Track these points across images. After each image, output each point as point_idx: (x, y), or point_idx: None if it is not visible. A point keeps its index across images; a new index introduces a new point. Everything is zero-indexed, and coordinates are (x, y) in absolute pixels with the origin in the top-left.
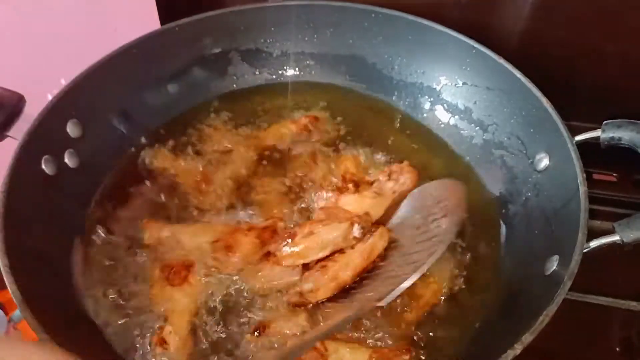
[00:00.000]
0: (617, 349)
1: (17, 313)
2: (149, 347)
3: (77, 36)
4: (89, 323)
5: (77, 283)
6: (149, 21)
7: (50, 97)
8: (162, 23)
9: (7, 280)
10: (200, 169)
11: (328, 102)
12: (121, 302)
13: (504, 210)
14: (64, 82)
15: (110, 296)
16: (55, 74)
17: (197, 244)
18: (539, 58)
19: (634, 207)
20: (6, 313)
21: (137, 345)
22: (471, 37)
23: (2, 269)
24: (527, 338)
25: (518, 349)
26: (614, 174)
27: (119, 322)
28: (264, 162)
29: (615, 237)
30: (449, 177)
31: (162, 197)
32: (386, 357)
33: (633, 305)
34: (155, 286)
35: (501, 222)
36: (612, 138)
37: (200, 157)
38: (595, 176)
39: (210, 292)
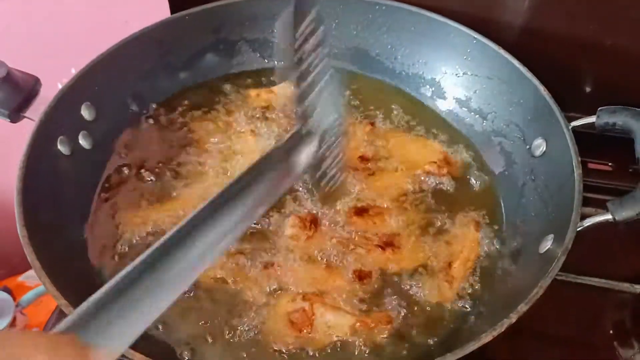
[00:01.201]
0: (611, 331)
1: (24, 298)
2: None
3: (88, 27)
4: None
5: (92, 255)
6: (160, 13)
7: (60, 86)
8: (172, 13)
9: (27, 250)
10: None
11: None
12: None
13: (503, 194)
14: (74, 72)
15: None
16: (66, 63)
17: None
18: (538, 50)
19: None
20: (14, 298)
21: None
22: (472, 28)
23: (21, 241)
24: (523, 308)
25: (513, 317)
26: (610, 164)
27: None
28: None
29: (608, 216)
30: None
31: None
32: (368, 326)
33: (626, 286)
34: None
35: (501, 204)
36: (607, 123)
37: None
38: (591, 165)
39: None
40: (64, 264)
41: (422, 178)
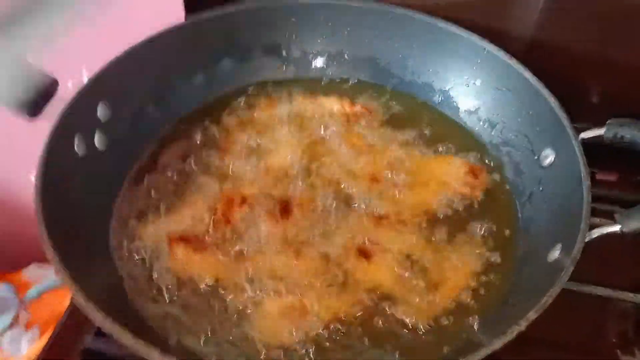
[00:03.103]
0: (614, 340)
1: (28, 295)
2: None
3: (100, 28)
4: (121, 291)
5: (111, 250)
6: (174, 17)
7: (71, 86)
8: (187, 17)
9: (45, 246)
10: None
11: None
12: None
13: (511, 204)
14: (84, 72)
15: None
16: (77, 64)
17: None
18: (547, 62)
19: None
20: (17, 294)
21: None
22: (483, 39)
23: (40, 236)
24: (532, 315)
25: (523, 324)
26: (615, 174)
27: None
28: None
29: (616, 227)
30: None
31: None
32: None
33: (630, 296)
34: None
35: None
36: (615, 135)
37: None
38: (598, 176)
39: None
40: (83, 261)
41: (450, 198)
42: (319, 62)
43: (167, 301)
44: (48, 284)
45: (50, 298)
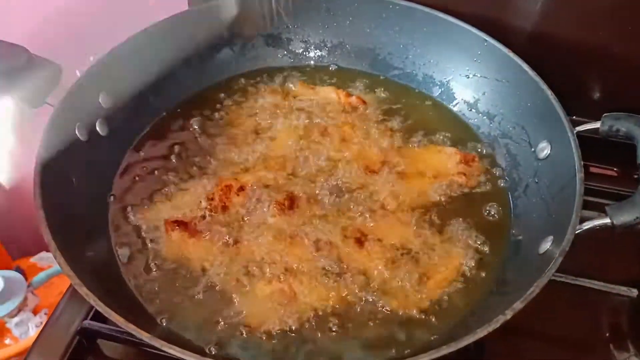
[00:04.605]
0: (607, 334)
1: (36, 279)
2: None
3: (107, 17)
4: (117, 274)
5: (108, 233)
6: (179, 6)
7: (78, 73)
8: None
9: (44, 231)
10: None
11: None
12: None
13: (507, 195)
14: (92, 59)
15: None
16: (84, 52)
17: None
18: (547, 55)
19: None
20: (26, 279)
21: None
22: (484, 31)
23: (38, 221)
24: (518, 305)
25: (509, 314)
26: (615, 169)
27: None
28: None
29: (606, 220)
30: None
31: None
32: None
33: (624, 290)
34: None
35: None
36: (611, 129)
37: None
38: (596, 170)
39: None
40: (81, 244)
41: (445, 188)
42: (318, 52)
43: (161, 283)
44: (56, 270)
45: (58, 283)
